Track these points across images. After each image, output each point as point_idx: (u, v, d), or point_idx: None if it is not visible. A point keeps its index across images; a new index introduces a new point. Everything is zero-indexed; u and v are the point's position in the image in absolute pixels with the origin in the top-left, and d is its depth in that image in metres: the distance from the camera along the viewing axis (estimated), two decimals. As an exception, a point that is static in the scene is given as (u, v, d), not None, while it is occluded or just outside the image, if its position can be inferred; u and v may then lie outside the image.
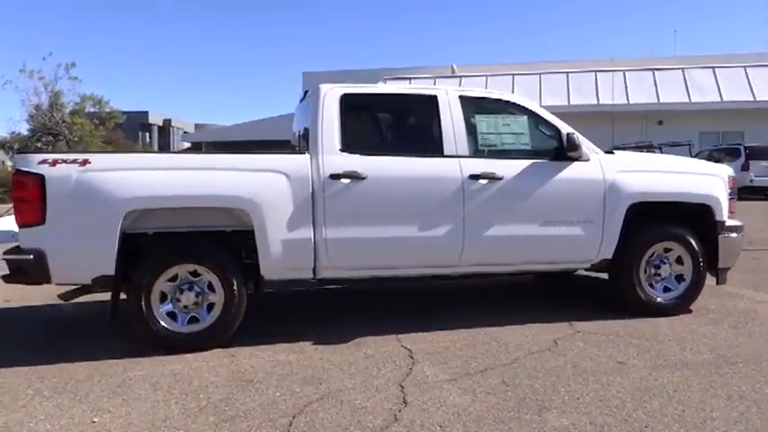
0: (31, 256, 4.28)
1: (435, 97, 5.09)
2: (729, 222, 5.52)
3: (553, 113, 5.34)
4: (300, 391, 3.79)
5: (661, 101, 25.46)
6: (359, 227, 4.76)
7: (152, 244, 4.63)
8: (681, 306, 5.44)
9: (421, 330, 4.99)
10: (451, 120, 5.02)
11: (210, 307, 4.63)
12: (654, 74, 26.27)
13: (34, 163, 4.31)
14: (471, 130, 5.11)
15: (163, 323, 4.52)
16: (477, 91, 5.35)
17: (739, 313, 5.50)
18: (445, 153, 4.96)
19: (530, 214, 5.06)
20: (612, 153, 5.52)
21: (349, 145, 4.82)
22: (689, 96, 25.51)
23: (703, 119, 25.19)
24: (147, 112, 70.40)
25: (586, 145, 5.19)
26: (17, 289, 6.90)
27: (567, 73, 26.02)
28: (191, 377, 4.06)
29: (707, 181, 5.49)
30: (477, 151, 5.07)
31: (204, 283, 4.61)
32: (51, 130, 30.50)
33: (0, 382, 4.04)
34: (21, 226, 4.34)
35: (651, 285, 5.41)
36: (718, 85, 25.77)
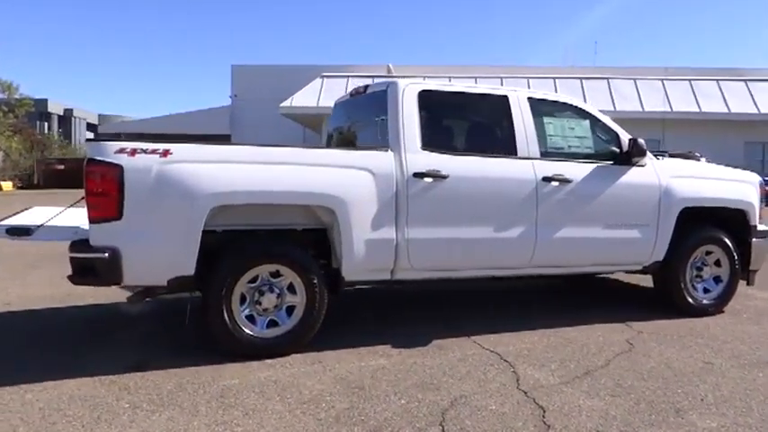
0: (106, 255, 3.87)
1: (506, 97, 5.05)
2: (760, 227, 5.82)
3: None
4: (424, 397, 3.64)
5: (588, 108, 26.60)
6: (439, 227, 4.65)
7: (224, 242, 4.32)
8: (719, 307, 5.69)
9: (489, 332, 4.93)
10: (522, 121, 5.00)
11: (290, 309, 4.38)
12: (581, 82, 27.47)
13: (111, 152, 3.90)
14: (540, 131, 5.11)
15: (245, 328, 4.23)
16: (542, 93, 5.35)
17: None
18: (518, 154, 4.94)
19: (595, 217, 5.12)
20: (659, 159, 5.68)
21: (428, 143, 4.69)
22: (613, 104, 26.84)
23: (625, 126, 26.47)
24: (46, 100, 66.32)
25: (646, 151, 5.32)
26: (14, 291, 6.30)
27: (502, 78, 26.73)
28: (295, 385, 3.81)
29: (743, 188, 5.77)
30: (545, 153, 5.07)
31: (284, 284, 4.35)
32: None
33: (78, 394, 3.64)
34: (93, 221, 3.92)
35: (693, 287, 5.62)
36: (639, 94, 27.29)
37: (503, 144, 4.98)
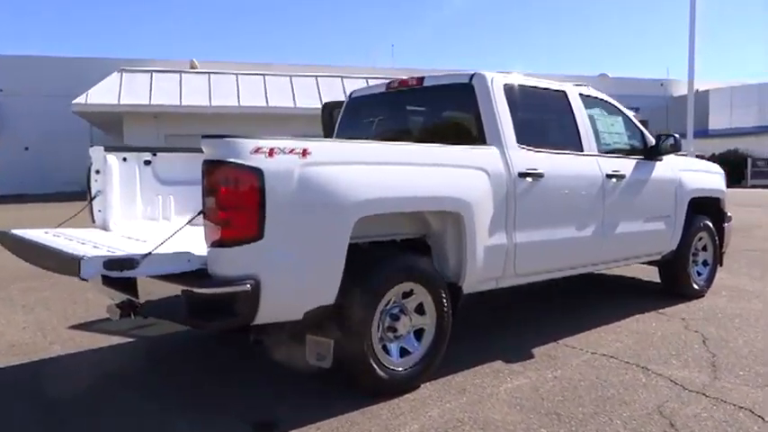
0: (248, 287, 2.96)
1: (566, 93, 4.93)
2: (728, 213, 6.46)
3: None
4: (629, 414, 3.38)
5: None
6: (539, 229, 4.38)
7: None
8: (708, 288, 6.19)
9: (566, 335, 4.77)
10: (582, 117, 4.93)
11: (419, 333, 3.78)
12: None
13: (246, 152, 2.98)
14: (593, 128, 5.06)
15: (384, 361, 3.54)
16: (583, 88, 5.28)
17: (741, 291, 6.43)
18: (584, 151, 4.85)
19: (639, 210, 5.25)
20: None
21: (521, 140, 4.37)
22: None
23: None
24: None
25: (666, 146, 5.55)
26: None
27: (316, 77, 26.34)
28: (487, 420, 3.29)
29: (719, 178, 6.35)
30: (599, 149, 5.03)
31: (413, 305, 3.74)
32: None
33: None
34: (222, 244, 2.95)
35: (692, 272, 6.03)
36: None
37: (571, 140, 4.85)
